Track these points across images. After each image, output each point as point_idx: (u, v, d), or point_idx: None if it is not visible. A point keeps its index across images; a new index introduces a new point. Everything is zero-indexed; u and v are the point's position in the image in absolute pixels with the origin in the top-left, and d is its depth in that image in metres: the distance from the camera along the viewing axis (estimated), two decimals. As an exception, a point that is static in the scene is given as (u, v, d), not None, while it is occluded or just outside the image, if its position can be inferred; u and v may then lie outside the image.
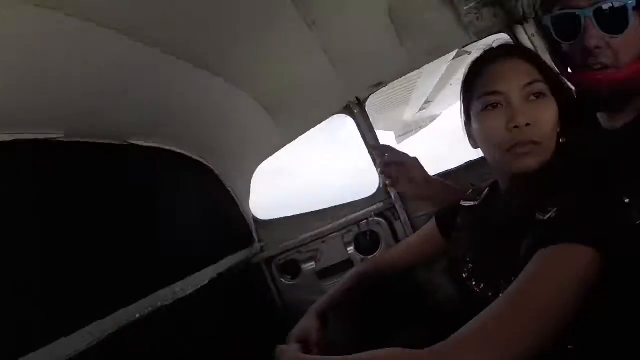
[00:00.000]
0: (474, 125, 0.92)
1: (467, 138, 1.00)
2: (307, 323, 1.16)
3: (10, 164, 0.87)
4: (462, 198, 1.11)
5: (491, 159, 0.92)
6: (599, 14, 0.87)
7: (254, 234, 1.77)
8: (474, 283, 0.93)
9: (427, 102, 12.93)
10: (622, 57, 0.88)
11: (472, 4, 1.60)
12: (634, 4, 0.86)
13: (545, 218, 0.76)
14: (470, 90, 0.93)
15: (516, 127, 0.82)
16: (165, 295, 1.13)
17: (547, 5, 0.97)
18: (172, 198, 1.42)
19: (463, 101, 0.97)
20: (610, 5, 0.86)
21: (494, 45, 0.95)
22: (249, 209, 1.78)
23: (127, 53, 0.87)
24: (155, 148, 1.35)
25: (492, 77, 0.88)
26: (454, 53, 1.78)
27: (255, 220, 1.79)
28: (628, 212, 0.77)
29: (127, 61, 0.91)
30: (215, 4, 0.91)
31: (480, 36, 1.63)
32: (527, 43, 1.59)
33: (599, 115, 1.01)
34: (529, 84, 0.84)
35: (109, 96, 1.00)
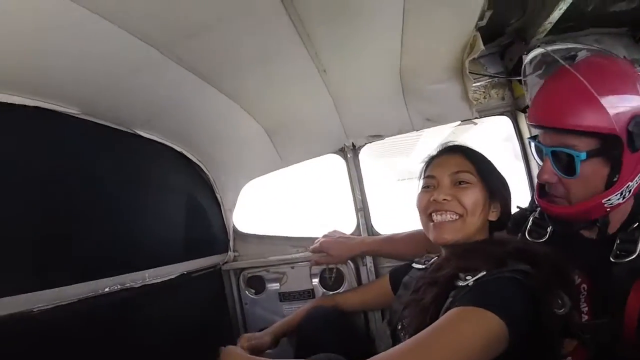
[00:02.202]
0: (417, 197, 1.14)
1: None
2: (262, 336, 1.33)
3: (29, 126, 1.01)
4: (414, 260, 1.26)
5: (422, 225, 1.12)
6: (553, 155, 0.98)
7: (231, 244, 1.86)
8: (404, 336, 1.04)
9: (429, 156, 13.13)
10: (573, 195, 0.99)
11: (482, 83, 1.74)
12: (583, 157, 0.93)
13: (463, 285, 0.90)
14: (422, 173, 1.17)
15: (435, 200, 1.05)
16: (135, 279, 1.23)
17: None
18: (166, 194, 1.52)
19: (419, 179, 1.18)
20: (562, 152, 0.96)
21: (450, 142, 1.17)
22: (232, 219, 1.87)
23: (147, 60, 1.00)
24: (157, 142, 1.47)
25: (433, 166, 1.13)
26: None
27: (235, 230, 1.88)
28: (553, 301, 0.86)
29: (146, 66, 1.04)
30: (235, 38, 1.03)
31: (483, 114, 1.75)
32: (526, 130, 1.70)
33: None
34: (456, 172, 1.06)
35: (125, 89, 1.13)
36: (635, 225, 0.95)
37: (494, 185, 1.08)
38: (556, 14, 1.31)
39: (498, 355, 0.79)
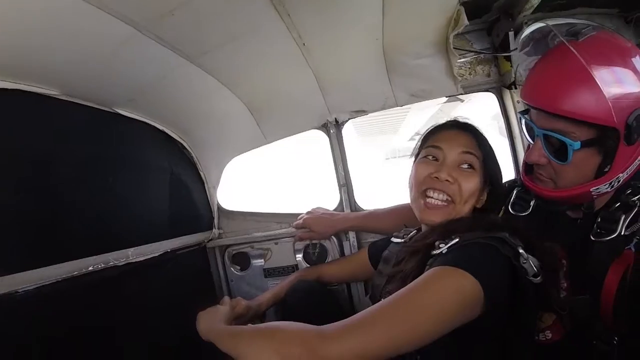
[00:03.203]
0: (413, 166, 1.10)
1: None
2: (257, 305, 1.35)
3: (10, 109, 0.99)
4: (392, 235, 1.27)
5: (411, 199, 1.09)
6: (546, 138, 0.95)
7: (215, 221, 1.86)
8: None
9: (417, 133, 13.25)
10: (561, 180, 0.97)
11: (467, 59, 1.72)
12: (577, 147, 0.90)
13: (437, 252, 0.92)
14: (424, 142, 1.12)
15: (437, 177, 1.02)
16: (119, 257, 1.24)
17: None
18: (149, 173, 1.52)
19: (418, 149, 1.14)
20: (556, 138, 0.92)
21: (459, 118, 1.14)
22: (216, 196, 1.87)
23: (127, 39, 0.98)
24: (139, 121, 1.45)
25: (440, 137, 1.09)
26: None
27: (219, 208, 1.88)
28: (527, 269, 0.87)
29: (126, 46, 1.02)
30: (212, 14, 1.02)
31: (468, 90, 1.74)
32: (511, 107, 1.69)
33: None
34: (465, 152, 1.03)
35: (106, 69, 1.11)
36: (617, 205, 0.94)
37: (492, 174, 1.07)
38: (544, -9, 1.28)
39: (473, 319, 0.81)
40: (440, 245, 0.92)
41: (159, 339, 1.38)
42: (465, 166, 1.03)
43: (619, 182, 0.93)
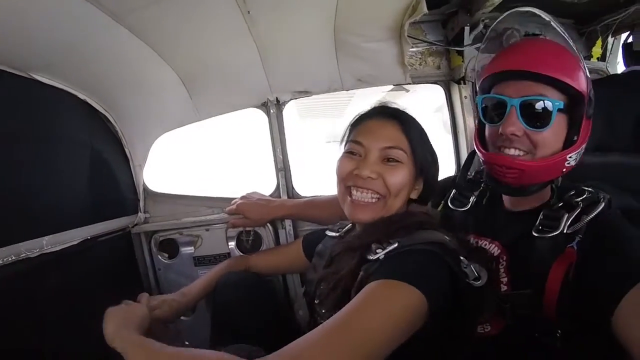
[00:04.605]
0: (338, 160, 1.03)
1: None
2: (179, 297, 1.23)
3: None
4: (327, 228, 1.22)
5: (338, 194, 1.04)
6: (524, 106, 0.94)
7: (141, 204, 1.70)
8: (322, 311, 0.98)
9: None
10: (539, 150, 0.96)
11: (419, 49, 1.70)
12: (561, 107, 0.93)
13: (374, 258, 0.87)
14: (350, 133, 1.04)
15: (357, 175, 0.96)
16: (32, 247, 1.10)
17: (484, 86, 1.04)
18: (66, 148, 1.35)
19: (345, 139, 1.06)
20: (536, 101, 0.93)
21: (388, 104, 1.06)
22: (142, 176, 1.71)
23: None
24: (58, 89, 1.28)
25: (363, 130, 1.01)
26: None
27: (146, 189, 1.73)
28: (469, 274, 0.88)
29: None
30: None
31: (416, 81, 1.72)
32: (458, 102, 1.71)
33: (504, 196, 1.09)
34: (388, 147, 0.96)
35: (18, 27, 0.98)
36: (561, 204, 0.96)
37: (425, 162, 1.01)
38: (505, -9, 1.27)
39: (418, 328, 0.78)
40: (378, 250, 0.87)
41: (81, 337, 1.21)
42: (389, 160, 0.97)
43: (579, 156, 0.99)
